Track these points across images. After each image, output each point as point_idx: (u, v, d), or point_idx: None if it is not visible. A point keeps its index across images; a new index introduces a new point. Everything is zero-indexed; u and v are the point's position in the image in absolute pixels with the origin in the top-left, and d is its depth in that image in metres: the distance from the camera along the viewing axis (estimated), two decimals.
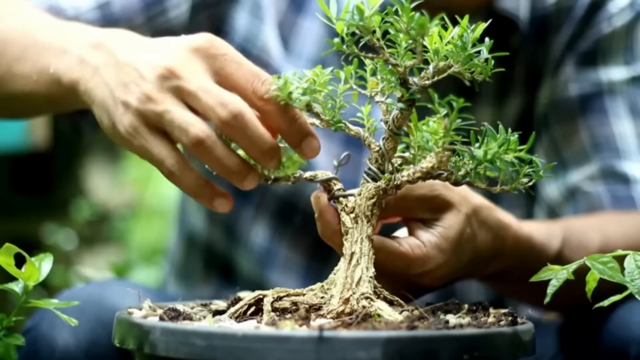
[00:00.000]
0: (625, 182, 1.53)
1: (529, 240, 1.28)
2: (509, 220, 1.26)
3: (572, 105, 1.58)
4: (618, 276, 1.02)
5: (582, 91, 1.58)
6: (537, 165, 1.07)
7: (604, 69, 1.59)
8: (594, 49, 1.59)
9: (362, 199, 1.09)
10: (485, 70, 1.05)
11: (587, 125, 1.57)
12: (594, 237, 1.40)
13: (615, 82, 1.58)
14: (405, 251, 1.14)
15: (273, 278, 1.64)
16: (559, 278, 1.05)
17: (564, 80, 1.59)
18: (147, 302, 1.11)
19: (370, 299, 1.06)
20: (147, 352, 0.98)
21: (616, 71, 1.59)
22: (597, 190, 1.53)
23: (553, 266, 1.06)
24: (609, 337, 1.35)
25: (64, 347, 1.32)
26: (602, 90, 1.58)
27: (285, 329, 0.97)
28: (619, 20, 1.60)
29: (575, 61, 1.59)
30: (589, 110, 1.57)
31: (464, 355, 0.95)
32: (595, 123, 1.57)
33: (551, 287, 1.04)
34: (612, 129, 1.56)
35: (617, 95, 1.58)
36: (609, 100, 1.57)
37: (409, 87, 1.06)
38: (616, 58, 1.60)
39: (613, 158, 1.54)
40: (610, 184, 1.53)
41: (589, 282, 1.05)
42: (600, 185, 1.53)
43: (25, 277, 1.11)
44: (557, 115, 1.58)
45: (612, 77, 1.58)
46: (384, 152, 1.09)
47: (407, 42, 1.04)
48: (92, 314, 1.33)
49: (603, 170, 1.54)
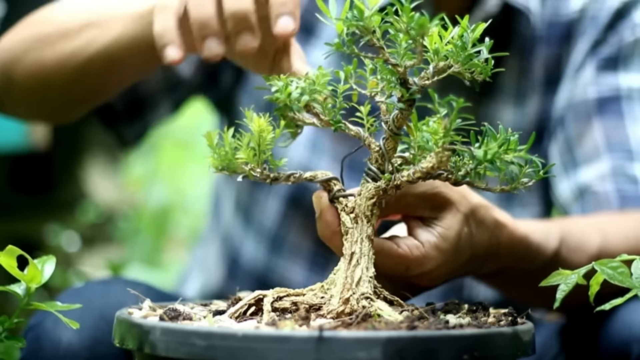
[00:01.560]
0: (635, 183, 1.53)
1: (524, 240, 1.28)
2: (505, 220, 1.26)
3: (589, 107, 1.59)
4: (628, 281, 1.02)
5: (600, 94, 1.59)
6: (538, 165, 1.07)
7: (624, 75, 1.60)
8: (616, 55, 1.61)
9: (362, 199, 1.09)
10: (485, 70, 1.05)
11: (602, 126, 1.58)
12: (593, 238, 1.40)
13: (634, 89, 1.59)
14: (404, 253, 1.14)
15: (280, 263, 1.66)
16: (568, 283, 1.04)
17: (583, 83, 1.60)
18: (147, 302, 1.11)
19: (370, 299, 1.06)
20: (147, 352, 0.99)
21: (636, 78, 1.60)
22: (606, 189, 1.53)
23: (563, 270, 1.06)
24: (611, 336, 1.35)
25: (67, 344, 1.32)
26: (620, 95, 1.59)
27: (285, 329, 0.97)
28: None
29: (596, 66, 1.60)
30: (605, 112, 1.58)
31: (464, 355, 0.95)
32: (611, 125, 1.58)
33: (560, 292, 1.04)
34: (627, 132, 1.57)
35: (634, 101, 1.59)
36: (626, 104, 1.58)
37: (408, 87, 1.06)
38: (637, 66, 1.61)
39: (625, 159, 1.55)
40: (619, 183, 1.54)
41: (592, 286, 1.05)
42: (609, 184, 1.54)
43: (28, 280, 1.11)
44: (574, 116, 1.59)
45: (631, 83, 1.60)
46: (384, 152, 1.09)
47: (407, 42, 1.04)
48: (96, 311, 1.33)
49: (614, 169, 1.54)
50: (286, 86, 1.06)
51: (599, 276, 1.04)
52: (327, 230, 1.11)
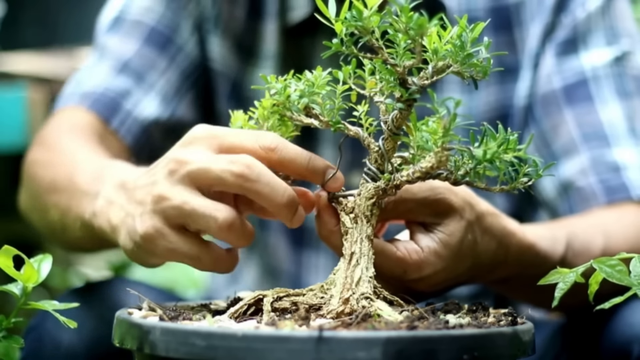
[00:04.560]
0: (616, 170, 1.52)
1: (533, 248, 1.28)
2: (514, 228, 1.25)
3: (557, 97, 1.57)
4: (626, 279, 1.02)
5: (565, 82, 1.57)
6: (537, 164, 1.07)
7: (585, 54, 1.58)
8: (573, 37, 1.58)
9: (362, 199, 1.09)
10: (484, 70, 1.05)
11: (573, 116, 1.56)
12: (596, 240, 1.40)
13: (599, 67, 1.57)
14: (402, 256, 1.13)
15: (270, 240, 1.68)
16: (566, 281, 1.04)
17: (546, 73, 1.58)
18: (146, 302, 1.11)
19: (370, 299, 1.06)
20: (146, 352, 0.99)
21: (598, 54, 1.58)
22: (590, 183, 1.53)
23: (561, 269, 1.06)
24: (612, 336, 1.35)
25: (68, 345, 1.32)
26: (586, 77, 1.57)
27: (285, 329, 0.97)
28: (593, 2, 1.59)
29: (555, 52, 1.58)
30: (574, 99, 1.56)
31: (463, 355, 0.95)
32: (582, 112, 1.56)
33: (559, 291, 1.04)
34: (600, 117, 1.55)
35: (602, 80, 1.57)
36: (594, 86, 1.57)
37: (408, 87, 1.06)
38: (597, 40, 1.58)
39: (602, 147, 1.54)
40: (601, 174, 1.53)
41: (591, 285, 1.05)
42: (591, 176, 1.53)
43: (24, 279, 1.10)
44: (544, 109, 1.57)
45: (594, 62, 1.57)
46: (384, 152, 1.09)
47: (406, 42, 1.04)
48: (96, 312, 1.33)
49: (593, 160, 1.53)
50: (285, 88, 1.06)
51: (598, 275, 1.04)
52: (324, 230, 1.11)
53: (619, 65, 1.58)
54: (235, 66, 1.66)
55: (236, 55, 1.66)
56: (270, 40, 1.65)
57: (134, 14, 1.64)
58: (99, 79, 1.61)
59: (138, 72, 1.61)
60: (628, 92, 1.57)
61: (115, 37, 1.64)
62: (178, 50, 1.63)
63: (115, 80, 1.60)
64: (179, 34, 1.63)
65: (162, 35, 1.63)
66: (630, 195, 1.50)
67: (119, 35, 1.64)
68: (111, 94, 1.59)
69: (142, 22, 1.63)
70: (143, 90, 1.60)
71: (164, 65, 1.62)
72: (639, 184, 1.51)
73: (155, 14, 1.63)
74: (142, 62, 1.61)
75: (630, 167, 1.52)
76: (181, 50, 1.63)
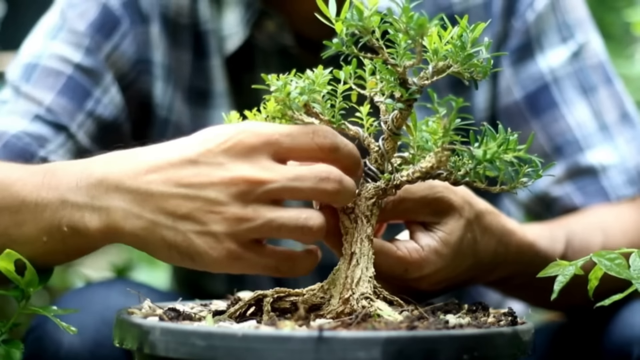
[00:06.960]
0: (593, 175, 1.51)
1: (532, 247, 1.28)
2: (513, 227, 1.25)
3: (521, 109, 1.54)
4: (625, 272, 1.02)
5: (526, 91, 1.54)
6: (537, 165, 1.07)
7: (542, 57, 1.54)
8: (527, 41, 1.54)
9: (362, 199, 1.09)
10: (484, 70, 1.05)
11: (541, 126, 1.53)
12: (595, 238, 1.40)
13: (557, 68, 1.54)
14: (403, 255, 1.13)
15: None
16: (565, 274, 1.04)
17: (505, 85, 1.55)
18: (146, 302, 1.11)
19: (370, 299, 1.06)
20: (146, 352, 0.99)
21: (555, 55, 1.54)
22: (567, 192, 1.51)
23: (560, 262, 1.06)
24: (612, 336, 1.35)
25: (69, 346, 1.32)
26: (547, 82, 1.54)
27: (285, 329, 0.97)
28: (541, 2, 1.55)
29: (511, 61, 1.55)
30: (538, 109, 1.53)
31: (463, 355, 0.95)
32: (549, 120, 1.53)
33: (558, 284, 1.04)
34: (568, 121, 1.52)
35: (563, 81, 1.54)
36: (556, 90, 1.53)
37: (408, 87, 1.06)
38: (551, 40, 1.55)
39: (575, 153, 1.52)
40: (578, 182, 1.51)
41: (591, 281, 1.05)
42: (568, 185, 1.51)
43: (25, 284, 1.10)
44: (509, 122, 1.52)
45: (552, 63, 1.54)
46: (384, 152, 1.09)
47: (406, 42, 1.04)
48: (97, 313, 1.33)
49: (568, 170, 1.52)
50: (285, 85, 1.06)
51: (597, 271, 1.04)
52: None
53: (578, 60, 1.55)
54: (189, 113, 1.57)
55: (189, 102, 1.57)
56: (218, 77, 1.56)
57: (50, 61, 1.50)
58: (13, 120, 1.45)
59: (54, 122, 1.46)
60: (592, 85, 1.54)
61: (29, 85, 1.48)
62: (96, 102, 1.49)
63: (30, 126, 1.44)
64: (98, 84, 1.50)
65: (79, 85, 1.49)
66: (610, 199, 1.50)
67: (33, 83, 1.48)
68: (27, 139, 1.43)
69: (59, 70, 1.49)
70: (61, 139, 1.45)
71: (81, 120, 1.47)
72: (618, 183, 1.50)
73: (72, 64, 1.50)
74: (61, 112, 1.46)
75: (608, 167, 1.51)
76: (100, 101, 1.50)
